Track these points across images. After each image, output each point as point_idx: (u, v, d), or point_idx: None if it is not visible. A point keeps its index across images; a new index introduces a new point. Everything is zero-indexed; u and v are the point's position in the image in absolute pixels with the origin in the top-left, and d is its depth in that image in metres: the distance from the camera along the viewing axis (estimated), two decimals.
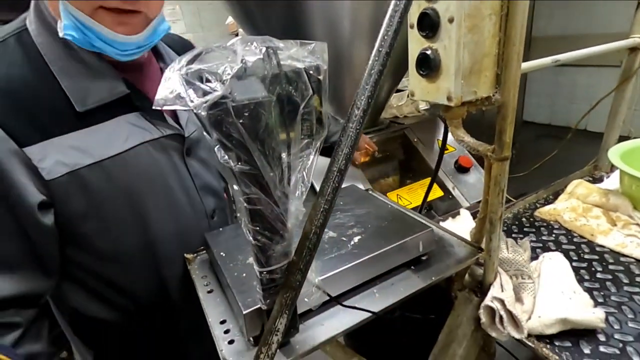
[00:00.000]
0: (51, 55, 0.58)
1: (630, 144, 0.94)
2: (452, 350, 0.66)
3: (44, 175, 0.56)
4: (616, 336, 0.60)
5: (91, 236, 0.63)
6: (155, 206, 0.66)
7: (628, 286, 0.70)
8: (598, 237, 0.83)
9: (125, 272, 0.68)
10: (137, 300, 0.71)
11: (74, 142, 0.58)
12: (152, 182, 0.66)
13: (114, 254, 0.65)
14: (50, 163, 0.56)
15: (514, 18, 0.47)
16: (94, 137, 0.59)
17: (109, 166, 0.60)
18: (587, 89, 3.84)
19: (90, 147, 0.59)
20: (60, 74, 0.58)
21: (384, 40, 0.37)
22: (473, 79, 0.50)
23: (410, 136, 1.29)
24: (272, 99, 0.32)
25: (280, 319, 0.41)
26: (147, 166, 0.65)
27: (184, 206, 0.71)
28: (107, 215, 0.62)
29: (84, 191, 0.59)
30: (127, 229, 0.65)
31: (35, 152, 0.55)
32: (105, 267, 0.66)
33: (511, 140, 0.54)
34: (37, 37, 0.59)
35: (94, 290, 0.68)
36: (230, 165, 0.34)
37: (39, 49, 0.58)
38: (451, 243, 0.69)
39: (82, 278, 0.66)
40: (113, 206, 0.62)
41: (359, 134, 0.39)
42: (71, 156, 0.58)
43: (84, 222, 0.61)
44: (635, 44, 0.95)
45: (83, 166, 0.58)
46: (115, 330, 0.72)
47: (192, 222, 0.73)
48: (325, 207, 0.39)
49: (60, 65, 0.58)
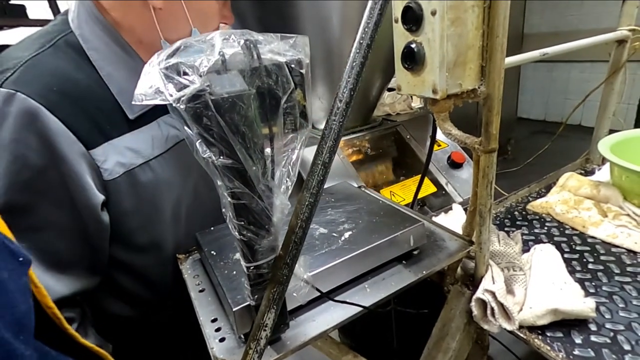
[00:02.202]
0: (100, 61, 0.61)
1: (620, 136, 0.95)
2: (446, 344, 0.66)
3: (105, 176, 0.59)
4: (607, 325, 0.60)
5: (135, 231, 0.65)
6: (186, 201, 0.70)
7: (619, 276, 0.70)
8: (589, 229, 0.83)
9: (160, 264, 0.71)
10: (167, 291, 0.73)
11: (129, 144, 0.62)
12: (184, 177, 0.70)
13: (153, 247, 0.68)
14: (111, 164, 0.60)
15: (497, 10, 0.48)
16: (142, 138, 0.64)
17: (154, 165, 0.64)
18: (580, 84, 3.87)
19: (141, 148, 0.63)
20: (109, 79, 0.61)
21: (364, 32, 0.38)
22: (458, 72, 0.50)
23: (403, 133, 1.29)
24: (252, 92, 0.32)
25: (269, 314, 0.41)
26: (181, 164, 0.69)
27: (208, 201, 0.74)
28: (151, 211, 0.66)
29: (134, 189, 0.63)
30: (166, 223, 0.69)
31: (99, 153, 0.58)
32: (142, 260, 0.68)
33: (498, 132, 0.54)
34: (85, 42, 0.61)
35: (124, 287, 0.70)
36: (212, 159, 0.34)
37: (87, 54, 0.60)
38: (442, 237, 0.69)
39: (115, 276, 0.68)
40: (156, 202, 0.66)
41: (342, 127, 0.39)
42: (127, 157, 0.61)
43: (131, 218, 0.64)
44: (623, 37, 0.96)
45: (136, 166, 0.62)
46: (137, 325, 0.74)
47: (214, 215, 0.74)
48: (310, 200, 0.39)
49: (109, 70, 0.61)
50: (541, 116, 4.39)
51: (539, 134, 3.99)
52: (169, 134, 0.67)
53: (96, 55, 0.61)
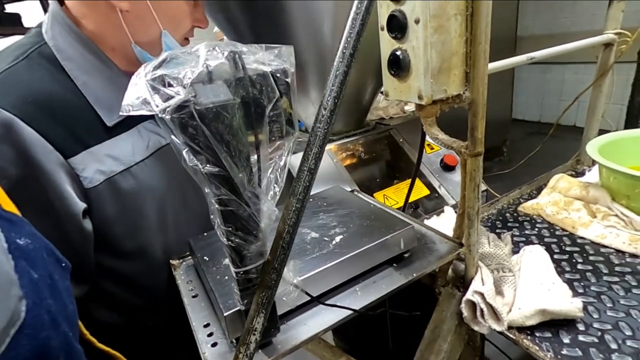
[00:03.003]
0: (75, 70, 0.61)
1: (608, 137, 0.96)
2: (438, 346, 0.67)
3: (85, 184, 0.59)
4: (595, 325, 0.61)
5: (120, 238, 0.65)
6: (172, 207, 0.70)
7: (607, 276, 0.71)
8: (579, 229, 0.84)
9: (148, 271, 0.70)
10: (154, 298, 0.73)
11: (108, 151, 0.62)
12: (169, 183, 0.70)
13: (140, 254, 0.68)
14: (91, 172, 0.60)
15: (479, 17, 0.49)
16: (122, 145, 0.64)
17: (136, 171, 0.65)
18: (574, 86, 3.90)
19: (121, 155, 0.63)
20: (85, 88, 0.62)
21: (347, 42, 0.39)
22: (442, 78, 0.51)
23: (397, 137, 1.30)
24: (237, 101, 0.33)
25: (258, 318, 0.42)
26: (164, 169, 0.69)
27: (195, 205, 0.74)
28: (134, 217, 0.66)
29: (116, 196, 0.63)
30: (152, 229, 0.68)
31: (78, 162, 0.59)
32: (129, 267, 0.68)
33: (483, 136, 0.56)
34: (59, 52, 0.61)
35: (112, 294, 0.69)
36: (199, 167, 0.35)
37: (61, 64, 0.61)
38: (433, 240, 0.70)
39: (102, 283, 0.68)
40: (140, 208, 0.66)
41: (327, 134, 0.40)
42: (107, 164, 0.62)
43: (115, 225, 0.64)
44: (609, 40, 0.98)
45: (117, 173, 0.62)
46: (127, 332, 0.74)
47: (202, 220, 0.75)
48: (297, 206, 0.40)
49: (85, 79, 0.62)
50: (536, 117, 4.42)
51: (534, 135, 4.02)
52: (150, 140, 0.68)
53: (71, 65, 0.61)
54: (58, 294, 0.34)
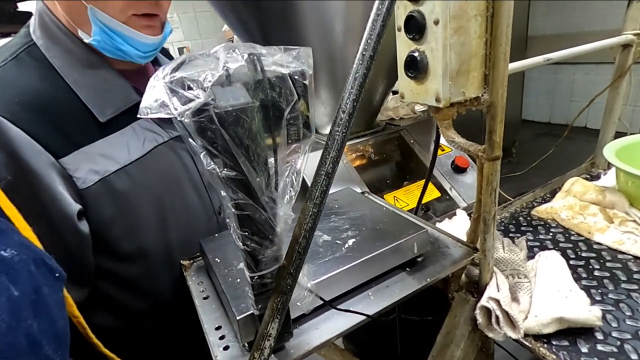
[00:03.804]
0: (65, 68, 0.60)
1: (625, 141, 0.94)
2: (450, 352, 0.66)
3: (78, 184, 0.58)
4: (614, 334, 0.60)
5: (118, 239, 0.64)
6: (171, 205, 0.69)
7: (625, 283, 0.70)
8: (595, 235, 0.82)
9: (149, 272, 0.69)
10: (155, 300, 0.72)
11: (101, 150, 0.60)
12: (168, 182, 0.68)
13: (140, 255, 0.67)
14: (84, 172, 0.59)
15: (499, 18, 0.48)
16: (117, 144, 0.62)
17: (132, 170, 0.63)
18: (585, 86, 3.85)
19: (115, 153, 0.62)
20: (76, 86, 0.60)
21: (367, 44, 0.38)
22: (461, 80, 0.50)
23: (407, 138, 1.29)
24: (256, 104, 0.33)
25: (272, 324, 0.41)
26: (163, 167, 0.68)
27: (196, 204, 0.73)
28: (132, 218, 0.64)
29: (112, 196, 0.61)
30: (151, 230, 0.67)
31: (69, 162, 0.57)
32: (129, 269, 0.67)
33: (501, 139, 0.54)
34: (48, 51, 0.60)
35: (112, 298, 0.68)
36: (217, 171, 0.34)
37: (51, 63, 0.60)
38: (446, 244, 0.69)
39: (102, 287, 0.67)
40: (137, 208, 0.65)
41: (345, 137, 0.39)
42: (101, 164, 0.60)
43: (112, 226, 0.63)
44: (628, 41, 0.96)
45: (111, 172, 0.61)
46: (128, 335, 0.73)
47: (203, 219, 0.75)
48: (314, 210, 0.39)
49: (75, 77, 0.61)
50: (546, 118, 4.37)
51: (544, 137, 3.97)
52: (146, 138, 0.66)
53: (60, 63, 0.60)
54: (45, 310, 0.32)
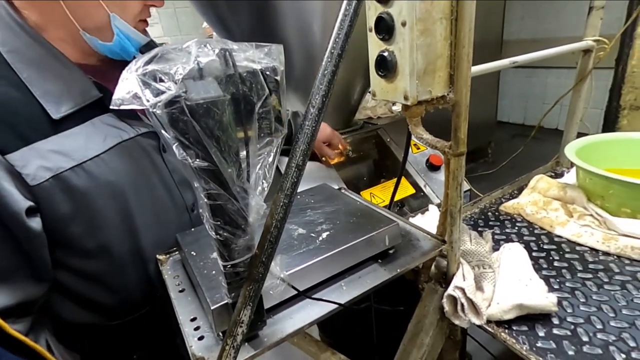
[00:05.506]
0: (19, 64, 0.59)
1: (585, 140, 1.00)
2: (420, 340, 0.69)
3: (28, 181, 0.56)
4: (568, 319, 0.64)
5: (79, 237, 0.63)
6: (138, 203, 0.68)
7: (581, 273, 0.75)
8: (556, 228, 0.88)
9: (115, 269, 0.68)
10: (128, 296, 0.71)
11: (54, 147, 0.59)
12: (133, 180, 0.67)
13: (103, 252, 0.66)
14: (33, 168, 0.57)
15: (463, 22, 0.50)
16: (73, 141, 0.61)
17: (90, 167, 0.61)
18: (557, 89, 4.01)
19: (71, 150, 0.60)
20: (29, 82, 0.59)
21: (335, 42, 0.40)
22: (427, 79, 0.53)
23: (384, 136, 1.33)
24: (227, 98, 0.34)
25: (245, 311, 0.43)
26: (127, 165, 0.66)
27: (166, 201, 0.72)
28: (93, 216, 0.63)
29: (69, 194, 0.60)
30: (114, 227, 0.66)
31: (17, 158, 0.56)
32: (94, 266, 0.66)
33: (466, 136, 0.57)
34: (4, 46, 0.59)
35: (81, 294, 0.68)
36: (189, 162, 0.35)
37: (5, 58, 0.58)
38: (417, 237, 0.72)
39: (69, 282, 0.66)
40: (98, 206, 0.63)
41: (315, 132, 0.41)
42: (53, 160, 0.58)
43: (71, 223, 0.61)
44: (588, 46, 1.02)
45: (66, 169, 0.59)
46: (103, 332, 0.72)
47: (173, 216, 0.74)
48: (285, 201, 0.41)
49: (29, 73, 0.59)
50: (520, 120, 4.53)
51: (518, 137, 4.11)
52: (108, 134, 0.64)
53: (14, 58, 0.59)
54: None
